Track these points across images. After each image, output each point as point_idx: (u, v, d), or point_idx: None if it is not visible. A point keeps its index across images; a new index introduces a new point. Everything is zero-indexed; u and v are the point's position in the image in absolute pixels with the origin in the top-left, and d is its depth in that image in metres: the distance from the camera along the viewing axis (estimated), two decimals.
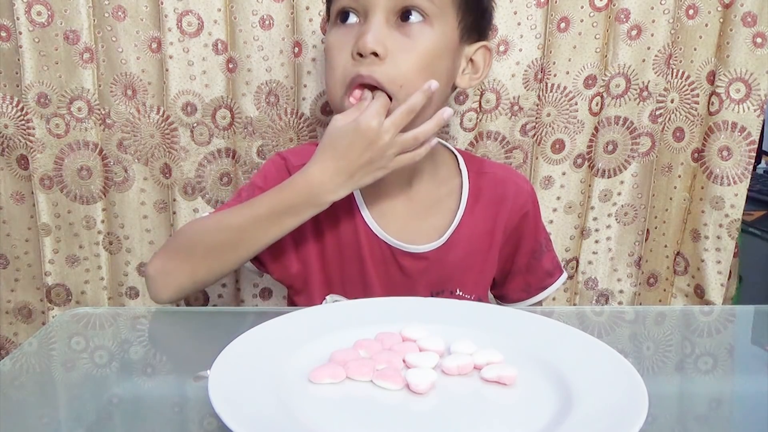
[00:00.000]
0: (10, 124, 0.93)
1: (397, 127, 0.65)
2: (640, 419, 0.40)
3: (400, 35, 0.67)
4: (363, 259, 0.74)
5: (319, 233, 0.75)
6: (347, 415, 0.44)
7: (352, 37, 0.67)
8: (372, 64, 0.65)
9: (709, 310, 0.83)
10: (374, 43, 0.65)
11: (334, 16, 0.70)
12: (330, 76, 0.70)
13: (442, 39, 0.68)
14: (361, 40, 0.65)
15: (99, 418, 0.47)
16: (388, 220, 0.75)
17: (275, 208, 0.67)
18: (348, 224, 0.75)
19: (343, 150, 0.65)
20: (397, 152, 0.66)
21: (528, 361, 0.51)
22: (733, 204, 1.00)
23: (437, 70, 0.69)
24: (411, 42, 0.67)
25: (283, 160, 0.76)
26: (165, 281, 0.70)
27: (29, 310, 1.03)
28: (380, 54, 0.65)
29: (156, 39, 0.91)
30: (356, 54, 0.66)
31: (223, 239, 0.69)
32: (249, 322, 0.54)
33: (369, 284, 0.75)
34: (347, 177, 0.66)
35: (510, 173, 0.84)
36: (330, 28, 0.71)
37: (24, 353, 0.57)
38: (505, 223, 0.78)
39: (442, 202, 0.77)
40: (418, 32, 0.67)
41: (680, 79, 0.99)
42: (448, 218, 0.76)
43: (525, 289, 0.84)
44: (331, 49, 0.69)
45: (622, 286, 1.07)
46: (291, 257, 0.75)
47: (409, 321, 0.56)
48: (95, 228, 0.98)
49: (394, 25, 0.67)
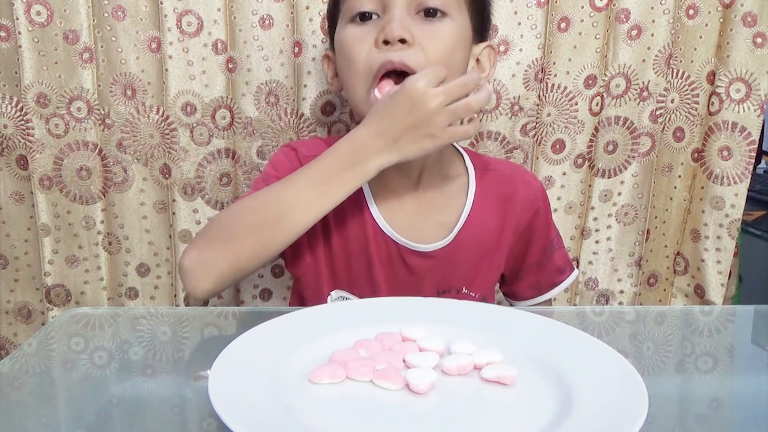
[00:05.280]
0: (10, 124, 0.93)
1: (449, 96, 0.62)
2: (640, 419, 0.40)
3: (425, 26, 0.67)
4: (370, 255, 0.74)
5: (327, 227, 0.75)
6: (347, 415, 0.44)
7: (372, 30, 0.67)
8: (400, 50, 0.66)
9: (709, 310, 0.83)
10: (401, 30, 0.65)
11: (350, 16, 0.69)
12: (350, 70, 0.69)
13: (461, 32, 0.70)
14: (388, 27, 0.65)
15: (99, 418, 0.47)
16: (396, 218, 0.74)
17: (319, 177, 0.64)
18: (356, 220, 0.74)
19: (388, 111, 0.63)
20: (447, 121, 0.62)
21: (528, 361, 0.50)
22: (733, 204, 1.00)
23: (457, 61, 0.70)
24: (436, 30, 0.68)
25: (293, 151, 0.76)
26: (203, 271, 0.65)
27: (29, 310, 1.03)
28: (408, 40, 0.65)
29: (155, 39, 0.91)
30: (382, 42, 0.66)
31: (265, 217, 0.65)
32: (249, 322, 0.54)
33: (375, 281, 0.75)
34: (391, 140, 0.62)
35: (518, 171, 0.84)
36: (344, 25, 0.70)
37: (24, 353, 0.57)
38: (515, 221, 0.78)
39: (450, 200, 0.77)
40: (440, 23, 0.68)
41: (680, 79, 0.99)
42: (455, 216, 0.76)
43: (536, 287, 0.83)
44: (350, 42, 0.69)
45: (622, 286, 1.07)
46: (304, 247, 0.75)
47: (409, 321, 0.56)
48: (95, 228, 0.98)
49: (416, 18, 0.68)
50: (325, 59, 0.78)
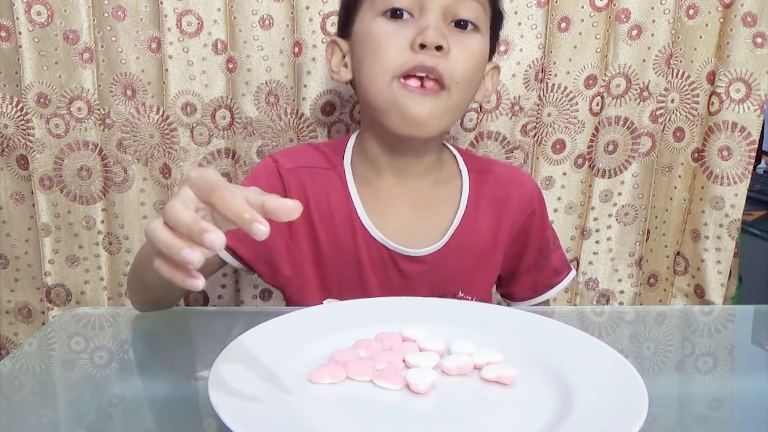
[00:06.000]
0: (10, 124, 0.93)
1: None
2: (640, 419, 0.40)
3: (457, 36, 0.68)
4: (361, 262, 0.73)
5: (314, 235, 0.74)
6: (347, 415, 0.44)
7: (408, 30, 0.67)
8: (435, 56, 0.66)
9: (709, 310, 0.83)
10: (440, 37, 0.66)
11: (382, 10, 0.69)
12: (375, 63, 0.68)
13: (485, 49, 0.72)
14: (427, 32, 0.65)
15: (99, 418, 0.47)
16: (388, 223, 0.74)
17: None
18: (345, 227, 0.74)
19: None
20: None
21: (528, 361, 0.50)
22: (733, 204, 1.00)
23: (478, 77, 0.72)
24: (467, 44, 0.69)
25: (275, 163, 0.75)
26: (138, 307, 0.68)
27: (29, 310, 1.03)
28: (444, 48, 0.66)
29: (156, 39, 0.91)
30: (418, 46, 0.66)
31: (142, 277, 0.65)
32: (249, 322, 0.54)
33: (368, 288, 0.74)
34: None
35: (514, 172, 0.84)
36: (373, 17, 0.69)
37: (24, 353, 0.57)
38: (510, 223, 0.78)
39: (443, 203, 0.77)
40: (470, 37, 0.70)
41: (680, 79, 0.99)
42: (449, 220, 0.75)
43: (533, 288, 0.83)
44: (382, 37, 0.68)
45: (622, 286, 1.07)
46: (282, 260, 0.74)
47: (409, 321, 0.56)
48: (95, 228, 0.98)
49: (449, 26, 0.69)
50: (331, 45, 0.76)
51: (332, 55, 0.76)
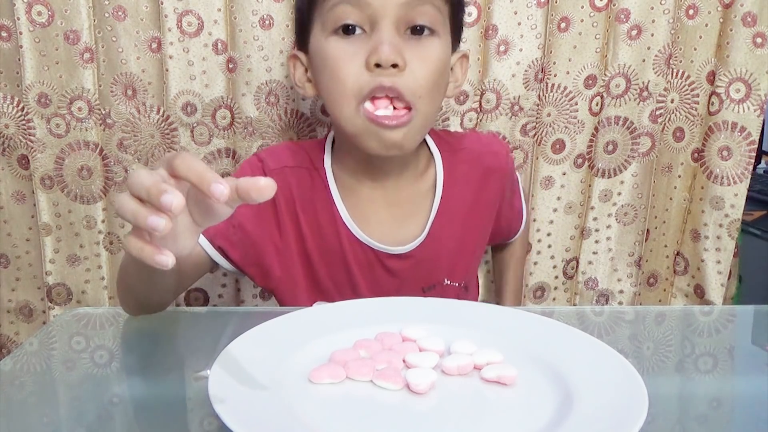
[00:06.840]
0: (11, 123, 0.93)
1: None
2: (640, 419, 0.40)
3: (413, 46, 0.66)
4: (348, 264, 0.74)
5: (302, 239, 0.74)
6: (347, 415, 0.44)
7: (360, 48, 0.65)
8: (392, 75, 0.64)
9: (709, 310, 0.84)
10: (394, 55, 0.64)
11: (333, 27, 0.67)
12: (336, 87, 0.67)
13: (446, 50, 0.70)
14: (380, 51, 0.63)
15: (99, 418, 0.48)
16: (370, 223, 0.74)
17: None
18: (330, 230, 0.74)
19: None
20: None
21: (528, 361, 0.51)
22: (733, 204, 1.00)
23: (443, 81, 0.70)
24: (425, 53, 0.67)
25: (260, 162, 0.75)
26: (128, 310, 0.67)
27: (30, 309, 1.03)
28: (400, 65, 0.64)
29: (156, 39, 0.91)
30: (373, 65, 0.64)
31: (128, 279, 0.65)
32: (249, 322, 0.54)
33: (357, 289, 0.75)
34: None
35: (483, 144, 0.83)
36: (326, 36, 0.68)
37: (25, 353, 0.57)
38: (492, 193, 0.80)
39: (422, 197, 0.77)
40: (428, 44, 0.67)
41: (680, 79, 0.99)
42: (428, 209, 0.76)
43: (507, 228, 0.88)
44: (337, 59, 0.66)
45: (622, 286, 1.07)
46: (272, 261, 0.74)
47: (409, 321, 0.56)
48: (96, 228, 0.98)
49: (404, 36, 0.66)
50: (293, 60, 0.74)
51: (295, 69, 0.75)
